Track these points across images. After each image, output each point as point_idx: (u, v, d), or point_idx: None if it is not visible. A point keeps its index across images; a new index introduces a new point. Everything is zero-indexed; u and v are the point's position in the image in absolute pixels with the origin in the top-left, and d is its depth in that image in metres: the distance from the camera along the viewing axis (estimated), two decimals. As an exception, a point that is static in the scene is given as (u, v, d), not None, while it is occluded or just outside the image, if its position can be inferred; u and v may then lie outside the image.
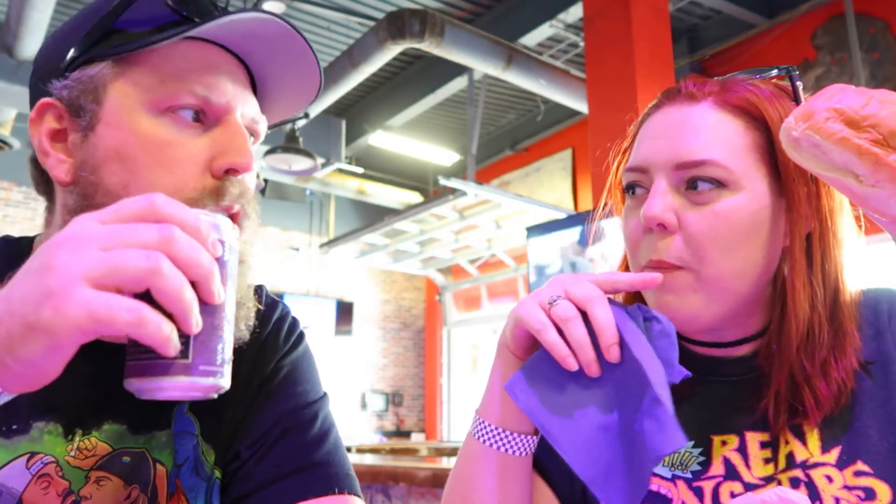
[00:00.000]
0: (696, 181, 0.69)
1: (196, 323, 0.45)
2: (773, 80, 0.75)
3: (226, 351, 0.50)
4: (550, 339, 0.62)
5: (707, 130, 0.70)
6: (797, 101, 0.72)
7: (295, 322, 0.83)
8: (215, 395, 0.50)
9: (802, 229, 0.70)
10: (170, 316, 0.44)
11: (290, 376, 0.78)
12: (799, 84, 0.72)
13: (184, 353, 0.46)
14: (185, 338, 0.46)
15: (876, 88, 0.53)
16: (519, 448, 0.69)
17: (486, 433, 0.69)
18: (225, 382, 0.50)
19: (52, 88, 0.66)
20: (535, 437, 0.70)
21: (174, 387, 0.47)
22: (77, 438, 0.65)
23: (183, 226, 0.45)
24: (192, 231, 0.46)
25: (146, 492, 0.67)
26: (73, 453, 0.65)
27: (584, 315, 0.62)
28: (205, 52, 0.66)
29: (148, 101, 0.63)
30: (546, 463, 0.77)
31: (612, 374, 0.62)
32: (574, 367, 0.62)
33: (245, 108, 0.68)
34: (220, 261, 0.48)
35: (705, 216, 0.68)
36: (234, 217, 0.66)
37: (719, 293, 0.69)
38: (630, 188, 0.76)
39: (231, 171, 0.65)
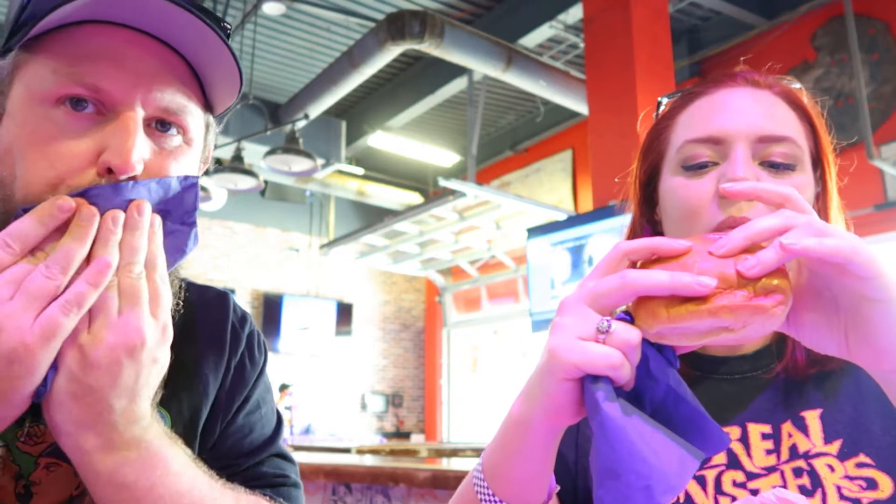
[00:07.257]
0: (770, 160, 0.72)
1: None
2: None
3: None
4: (627, 373, 0.53)
5: (780, 112, 0.74)
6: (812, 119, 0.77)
7: (261, 338, 0.86)
8: None
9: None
10: None
11: (259, 406, 0.82)
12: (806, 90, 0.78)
13: None
14: None
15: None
16: None
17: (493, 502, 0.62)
18: None
19: None
20: None
21: None
22: (27, 424, 0.64)
23: None
24: None
25: None
26: (22, 439, 0.64)
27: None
28: (110, 37, 0.61)
29: (42, 93, 0.60)
30: None
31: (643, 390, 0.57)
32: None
33: (153, 96, 0.61)
34: None
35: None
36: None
37: None
38: (694, 162, 0.74)
39: (112, 171, 0.58)
